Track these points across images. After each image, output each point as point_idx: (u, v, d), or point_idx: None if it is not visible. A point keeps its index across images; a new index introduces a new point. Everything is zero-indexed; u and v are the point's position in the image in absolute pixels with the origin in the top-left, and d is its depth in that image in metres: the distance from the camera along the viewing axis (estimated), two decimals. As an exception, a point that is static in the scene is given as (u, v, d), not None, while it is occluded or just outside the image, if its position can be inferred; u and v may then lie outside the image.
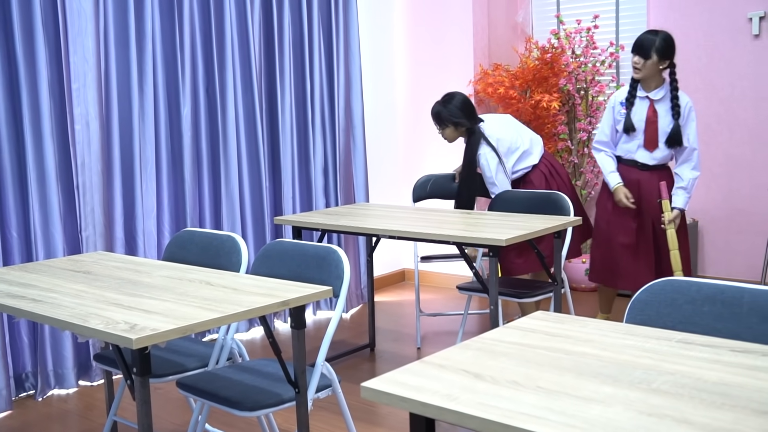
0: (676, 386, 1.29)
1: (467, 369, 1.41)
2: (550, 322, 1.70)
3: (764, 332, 1.63)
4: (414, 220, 3.48)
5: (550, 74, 4.98)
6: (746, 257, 4.83)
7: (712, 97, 4.86)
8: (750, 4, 4.63)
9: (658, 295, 1.79)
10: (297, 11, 4.52)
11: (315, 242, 2.75)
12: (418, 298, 4.19)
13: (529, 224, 3.12)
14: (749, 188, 4.79)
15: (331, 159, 4.77)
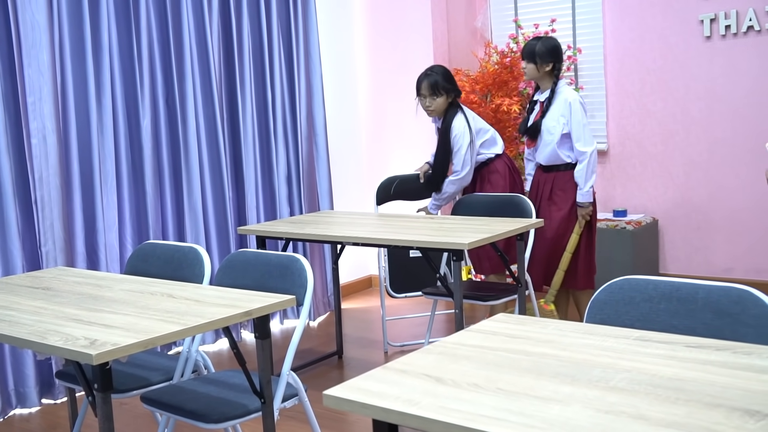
0: (632, 383, 1.32)
1: (429, 373, 1.42)
2: (511, 324, 1.72)
3: (718, 327, 1.67)
4: (378, 226, 3.49)
5: (510, 78, 5.03)
6: (705, 254, 4.93)
7: (668, 98, 4.95)
8: (701, 7, 4.73)
9: (616, 294, 1.82)
10: (256, 20, 4.51)
11: (279, 251, 2.74)
12: (383, 303, 4.19)
13: (491, 227, 3.15)
14: (706, 186, 4.88)
15: (295, 167, 4.77)
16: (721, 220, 4.84)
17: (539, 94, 3.86)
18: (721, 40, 4.69)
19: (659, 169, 5.05)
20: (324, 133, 4.92)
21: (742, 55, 4.62)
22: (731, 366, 1.37)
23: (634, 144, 5.12)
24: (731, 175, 4.77)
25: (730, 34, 4.65)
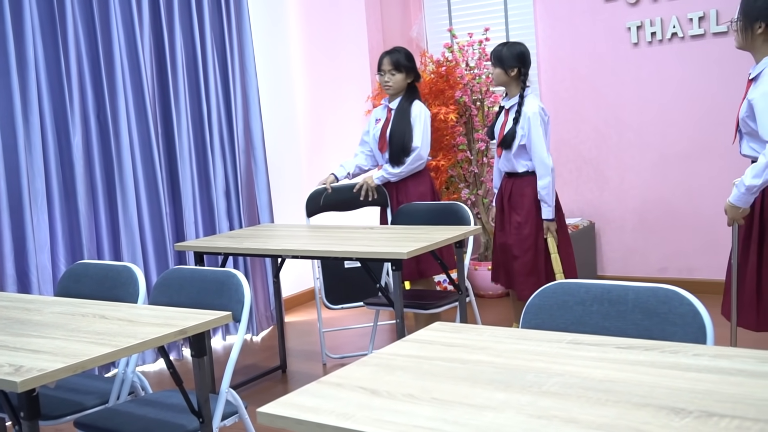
0: (564, 387, 1.33)
1: (364, 386, 1.41)
2: (447, 332, 1.73)
3: (648, 327, 1.70)
4: (318, 238, 3.47)
5: (446, 87, 5.08)
6: (640, 255, 5.05)
7: (600, 103, 5.07)
8: (628, 15, 4.86)
9: (550, 298, 1.85)
10: (189, 34, 4.45)
11: (218, 267, 2.70)
12: (320, 316, 4.14)
13: (430, 236, 3.16)
14: (639, 189, 5.01)
15: (233, 181, 4.71)
16: (655, 221, 4.96)
17: (506, 100, 3.84)
18: (648, 47, 4.83)
19: (594, 174, 5.16)
20: (262, 145, 4.88)
21: (668, 61, 4.77)
22: (659, 365, 1.40)
23: (570, 149, 5.22)
24: (662, 178, 4.90)
25: (656, 41, 4.79)
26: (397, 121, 3.95)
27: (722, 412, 1.17)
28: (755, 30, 2.85)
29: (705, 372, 1.35)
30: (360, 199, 4.01)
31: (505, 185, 3.89)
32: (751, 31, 2.87)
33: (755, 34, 2.86)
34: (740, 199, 2.87)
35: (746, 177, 2.81)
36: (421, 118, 3.94)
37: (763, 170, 2.75)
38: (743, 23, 2.89)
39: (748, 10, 2.87)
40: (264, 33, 5.19)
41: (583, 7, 5.02)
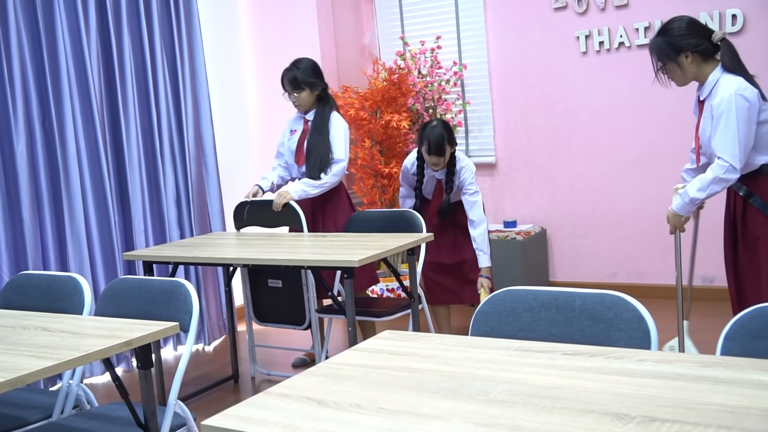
0: (511, 394, 1.34)
1: (311, 396, 1.40)
2: (396, 340, 1.72)
3: (594, 333, 1.72)
4: (269, 246, 3.44)
5: (399, 94, 5.10)
6: (591, 261, 5.12)
7: (550, 111, 5.13)
8: (576, 25, 4.94)
9: (499, 305, 1.86)
10: (138, 40, 4.38)
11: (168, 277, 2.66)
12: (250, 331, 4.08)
13: (381, 243, 3.16)
14: (589, 196, 5.08)
15: (184, 189, 4.65)
16: (605, 227, 5.04)
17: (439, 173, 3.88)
18: (596, 56, 4.91)
19: (545, 181, 5.22)
20: (213, 153, 4.82)
21: (616, 70, 4.85)
22: (604, 371, 1.42)
23: (521, 156, 5.28)
24: (612, 184, 4.98)
25: (603, 50, 4.87)
26: (315, 134, 3.90)
27: (664, 417, 1.19)
28: (686, 63, 2.90)
29: (648, 377, 1.37)
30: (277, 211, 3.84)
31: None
32: (682, 66, 2.91)
33: (688, 65, 2.90)
34: (683, 209, 2.96)
35: (691, 189, 2.88)
36: (341, 131, 3.91)
37: (709, 184, 2.83)
38: (671, 64, 2.92)
39: (667, 52, 2.91)
40: (215, 40, 5.14)
41: (533, 16, 5.08)
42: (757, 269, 2.93)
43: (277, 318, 3.89)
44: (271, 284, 3.85)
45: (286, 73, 3.91)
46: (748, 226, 2.93)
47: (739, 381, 1.31)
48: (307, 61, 3.94)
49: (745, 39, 4.47)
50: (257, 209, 3.95)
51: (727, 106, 2.77)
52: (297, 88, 3.88)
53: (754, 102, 2.77)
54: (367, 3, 5.75)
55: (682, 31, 2.89)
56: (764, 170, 2.87)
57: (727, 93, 2.78)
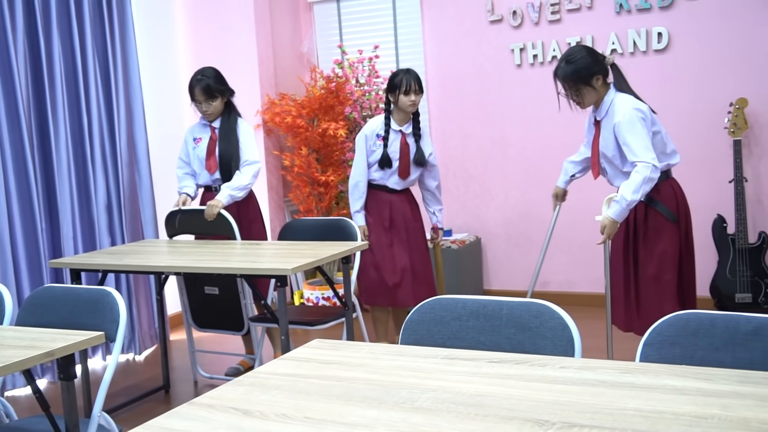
0: (436, 402, 1.35)
1: (237, 406, 1.38)
2: (325, 349, 1.72)
3: (520, 341, 1.75)
4: (202, 254, 3.40)
5: (336, 103, 5.10)
6: (524, 269, 5.21)
7: (486, 122, 5.21)
8: (511, 37, 5.04)
9: (428, 313, 1.87)
10: (68, 42, 4.28)
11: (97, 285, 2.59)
12: (190, 335, 4.05)
13: (315, 251, 3.15)
14: (523, 205, 5.17)
15: (115, 195, 4.55)
16: (538, 236, 5.13)
17: (405, 126, 3.95)
18: (530, 68, 5.01)
19: (480, 190, 5.29)
20: (147, 159, 4.74)
21: (549, 82, 4.93)
22: (527, 378, 1.44)
23: (457, 166, 5.34)
24: (545, 195, 5.08)
25: (537, 63, 4.98)
26: (226, 141, 3.90)
27: (582, 423, 1.21)
28: (597, 85, 3.18)
29: (569, 384, 1.40)
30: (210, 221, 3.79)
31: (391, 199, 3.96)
32: (592, 88, 3.18)
33: (599, 87, 3.19)
34: (621, 215, 3.13)
35: (626, 193, 3.05)
36: (251, 134, 3.97)
37: (641, 185, 3.03)
38: (586, 88, 3.18)
39: (582, 75, 3.16)
40: (150, 45, 5.06)
41: (469, 28, 5.16)
42: (658, 270, 3.10)
43: (216, 324, 3.87)
44: (207, 291, 3.81)
45: (197, 83, 3.85)
46: (650, 229, 3.18)
47: (655, 386, 1.35)
48: (211, 70, 3.92)
49: (671, 56, 4.63)
50: (189, 218, 3.89)
51: (630, 118, 3.06)
52: (211, 97, 3.85)
53: (647, 115, 3.10)
54: (306, 11, 5.74)
55: (589, 58, 3.17)
56: (663, 177, 3.16)
57: (627, 108, 3.10)
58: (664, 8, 4.60)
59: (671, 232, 3.16)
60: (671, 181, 3.24)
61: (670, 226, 3.17)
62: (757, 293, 4.36)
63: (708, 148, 4.58)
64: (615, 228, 3.16)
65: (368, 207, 4.01)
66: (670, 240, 3.15)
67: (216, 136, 3.93)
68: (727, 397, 1.28)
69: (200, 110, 3.92)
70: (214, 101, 3.86)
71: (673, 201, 3.19)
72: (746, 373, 1.39)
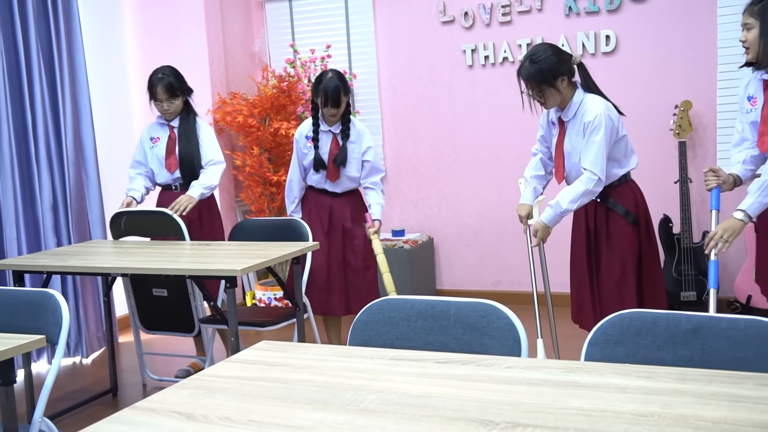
0: (382, 403, 1.34)
1: (179, 410, 1.36)
2: (272, 351, 1.71)
3: (468, 341, 1.76)
4: (150, 255, 3.34)
5: (288, 102, 5.07)
6: (476, 269, 5.25)
7: (438, 123, 5.23)
8: (463, 39, 5.07)
9: (376, 314, 1.87)
10: (11, 38, 4.16)
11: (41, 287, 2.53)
12: (138, 338, 3.97)
13: (266, 252, 3.13)
14: (475, 206, 5.21)
15: (61, 194, 4.44)
16: (489, 236, 5.18)
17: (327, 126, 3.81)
18: (482, 69, 5.05)
19: (433, 190, 5.32)
20: (94, 158, 4.64)
21: (500, 84, 5.00)
22: (473, 379, 1.45)
23: (410, 166, 5.35)
24: (496, 195, 5.13)
25: (489, 64, 5.02)
26: (186, 140, 3.88)
27: (526, 422, 1.22)
28: (562, 86, 3.07)
29: (515, 384, 1.41)
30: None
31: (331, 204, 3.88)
32: (556, 89, 3.06)
33: (564, 88, 3.08)
34: (553, 220, 3.14)
35: (563, 201, 3.06)
36: (212, 134, 3.97)
37: (580, 197, 3.03)
38: (549, 89, 3.06)
39: (546, 76, 3.03)
40: (98, 42, 4.96)
41: (421, 28, 5.18)
42: (620, 273, 3.11)
43: (165, 326, 3.81)
44: (156, 293, 3.75)
45: (158, 81, 3.81)
46: (611, 232, 3.14)
47: (598, 385, 1.37)
48: (171, 69, 3.89)
49: (618, 58, 4.71)
50: (135, 219, 3.83)
51: (599, 123, 3.00)
52: (173, 95, 3.82)
53: (616, 122, 3.05)
54: (258, 9, 5.69)
55: (555, 58, 3.05)
56: (623, 180, 3.16)
57: (599, 111, 3.01)
58: (612, 11, 4.68)
59: (632, 234, 3.14)
60: (631, 183, 3.21)
61: (630, 229, 3.14)
62: (701, 291, 4.46)
63: (655, 149, 4.67)
64: (547, 232, 3.19)
65: (308, 210, 3.91)
66: (631, 243, 3.13)
67: (175, 135, 3.90)
68: (666, 394, 1.30)
69: (160, 109, 3.87)
70: (176, 100, 3.83)
71: (633, 204, 3.16)
72: (686, 371, 1.42)
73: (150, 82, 3.84)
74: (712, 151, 4.59)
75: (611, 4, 4.66)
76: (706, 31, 4.50)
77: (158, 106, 3.87)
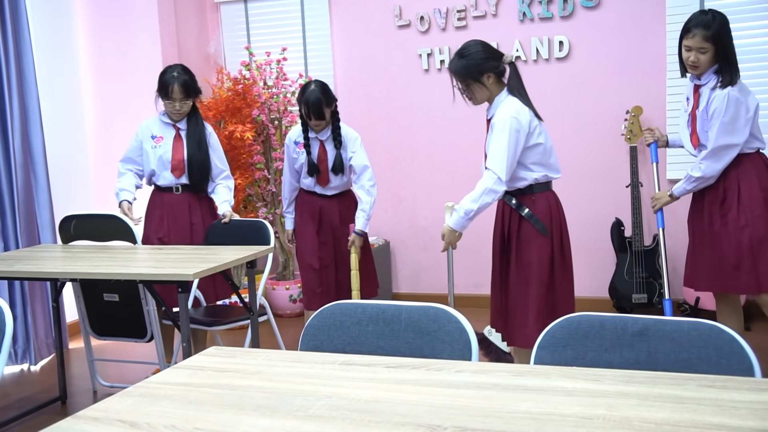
0: (330, 409, 1.34)
1: (124, 418, 1.33)
2: (221, 357, 1.68)
3: (419, 345, 1.76)
4: (101, 260, 3.28)
5: (243, 105, 5.03)
6: (432, 273, 5.26)
7: (393, 126, 5.24)
8: (419, 43, 5.09)
9: (328, 319, 1.86)
10: (-44, 36, 4.06)
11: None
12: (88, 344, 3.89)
13: (219, 256, 3.09)
14: (430, 209, 5.23)
15: (8, 198, 4.34)
16: (445, 239, 5.19)
17: (321, 134, 3.85)
18: (437, 73, 5.08)
19: (389, 194, 5.32)
20: (43, 160, 4.54)
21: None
22: (423, 383, 1.45)
23: (366, 170, 5.34)
24: (452, 198, 5.14)
25: (444, 68, 5.04)
26: (197, 146, 3.77)
27: (474, 426, 1.23)
28: (488, 83, 3.07)
29: (464, 388, 1.41)
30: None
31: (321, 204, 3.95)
32: (482, 85, 3.07)
33: (490, 85, 3.08)
34: (459, 223, 3.12)
35: (465, 202, 3.05)
36: (219, 142, 3.94)
37: (480, 195, 3.00)
38: (475, 85, 3.08)
39: (472, 71, 3.05)
40: (48, 41, 4.86)
41: (377, 32, 5.18)
42: (525, 282, 3.10)
43: (117, 332, 3.73)
44: (107, 298, 3.68)
45: (174, 79, 3.65)
46: (522, 240, 3.12)
47: (546, 388, 1.38)
48: (183, 67, 3.77)
49: (572, 64, 4.77)
50: (85, 223, 3.75)
51: (502, 124, 2.99)
52: (188, 95, 3.69)
53: (524, 126, 3.00)
54: (213, 11, 5.64)
55: (482, 54, 3.06)
56: (536, 187, 3.10)
57: (506, 112, 3.00)
58: (565, 18, 4.75)
59: (542, 245, 3.08)
60: (549, 193, 3.15)
61: (541, 239, 3.08)
62: (652, 293, 4.54)
63: (607, 154, 4.74)
64: (454, 236, 3.17)
65: (300, 211, 3.99)
66: (539, 253, 3.07)
67: (183, 138, 3.77)
68: (612, 397, 1.32)
69: (172, 109, 3.70)
70: (189, 100, 3.71)
71: (548, 214, 3.10)
72: (631, 373, 1.44)
73: (164, 80, 3.68)
74: (662, 156, 4.68)
75: (564, 11, 4.72)
76: (656, 39, 4.59)
77: (169, 105, 3.70)
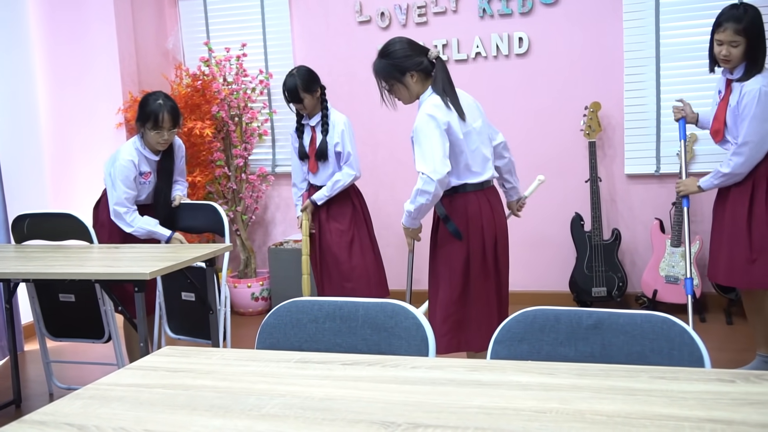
0: (284, 408, 1.32)
1: (72, 422, 1.30)
2: (174, 357, 1.66)
3: (376, 342, 1.75)
4: (55, 259, 3.21)
5: (203, 101, 4.97)
6: (396, 268, 5.26)
7: (356, 123, 5.18)
8: (380, 38, 5.06)
9: (284, 317, 1.84)
10: None
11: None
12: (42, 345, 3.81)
13: (177, 255, 3.05)
14: (393, 205, 5.22)
15: (-40, 197, 4.24)
16: (407, 235, 5.19)
17: (308, 120, 3.96)
18: (399, 70, 5.06)
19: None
20: (-5, 158, 4.44)
21: (417, 84, 5.02)
22: (378, 380, 1.44)
23: (327, 166, 5.31)
24: (413, 194, 5.15)
25: (405, 64, 5.03)
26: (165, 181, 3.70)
27: (428, 422, 1.22)
28: (411, 82, 2.99)
29: (419, 384, 1.41)
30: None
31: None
32: (408, 86, 3.00)
33: (413, 84, 3.00)
34: (407, 221, 3.14)
35: (406, 203, 3.05)
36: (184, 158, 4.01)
37: (415, 196, 2.96)
38: (397, 85, 3.01)
39: (393, 73, 3.00)
40: (1, 38, 4.75)
41: (338, 28, 5.16)
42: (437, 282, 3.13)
43: (74, 332, 3.68)
44: (62, 299, 3.61)
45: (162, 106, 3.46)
46: (438, 242, 3.14)
47: (501, 383, 1.38)
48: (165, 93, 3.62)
49: (531, 60, 4.80)
50: (39, 222, 3.68)
51: (420, 126, 2.92)
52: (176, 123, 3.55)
53: (443, 125, 2.91)
54: (171, 6, 5.56)
55: (406, 52, 2.98)
56: (459, 190, 3.05)
57: (422, 113, 2.93)
58: (524, 14, 4.77)
59: (456, 249, 3.03)
60: (468, 196, 3.04)
61: (454, 243, 3.03)
62: (611, 287, 4.59)
63: (566, 149, 4.78)
64: (409, 231, 3.19)
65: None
66: (449, 257, 3.03)
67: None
68: (566, 390, 1.33)
69: (158, 139, 3.49)
70: (176, 129, 3.56)
71: (463, 217, 3.02)
72: (585, 366, 1.45)
73: (150, 109, 3.42)
74: (620, 151, 4.73)
75: (524, 7, 4.75)
76: (613, 35, 4.64)
77: (157, 135, 3.45)
